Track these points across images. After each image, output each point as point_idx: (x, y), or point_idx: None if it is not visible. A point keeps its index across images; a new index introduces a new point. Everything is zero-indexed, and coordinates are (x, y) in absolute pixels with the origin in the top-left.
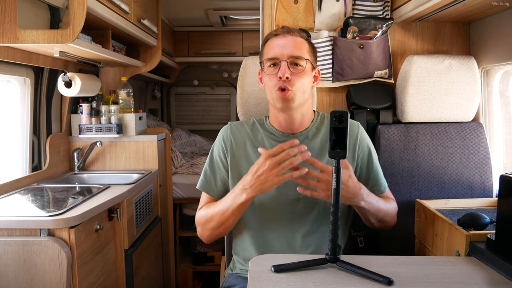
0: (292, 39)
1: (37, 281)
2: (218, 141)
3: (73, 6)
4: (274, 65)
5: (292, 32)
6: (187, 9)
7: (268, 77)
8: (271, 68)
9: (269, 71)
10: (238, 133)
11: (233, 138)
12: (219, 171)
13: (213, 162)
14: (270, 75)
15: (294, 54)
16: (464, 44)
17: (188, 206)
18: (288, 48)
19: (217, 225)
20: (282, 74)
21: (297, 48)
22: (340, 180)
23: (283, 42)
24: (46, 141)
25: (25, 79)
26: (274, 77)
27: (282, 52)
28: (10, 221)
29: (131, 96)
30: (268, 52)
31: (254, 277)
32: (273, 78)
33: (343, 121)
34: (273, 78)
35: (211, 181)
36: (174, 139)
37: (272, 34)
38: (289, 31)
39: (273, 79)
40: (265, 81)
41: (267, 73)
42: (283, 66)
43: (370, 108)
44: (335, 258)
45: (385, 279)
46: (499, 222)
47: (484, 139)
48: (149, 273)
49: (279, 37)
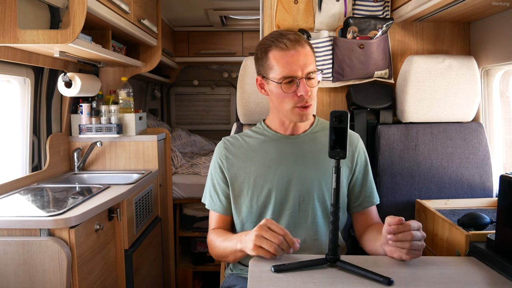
0: (303, 51)
1: (37, 281)
2: (214, 158)
3: (73, 6)
4: (290, 82)
5: (299, 42)
6: (187, 9)
7: (284, 95)
8: (287, 86)
9: (286, 89)
10: (232, 147)
11: (228, 153)
12: (220, 187)
13: (213, 180)
14: (288, 92)
15: (310, 70)
16: (464, 44)
17: (188, 206)
18: (302, 63)
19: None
20: (305, 94)
21: (310, 62)
22: (340, 180)
23: (297, 58)
24: (46, 141)
25: (25, 79)
26: (293, 95)
27: (299, 70)
28: (10, 221)
29: (131, 96)
30: (280, 69)
31: (254, 277)
32: (292, 96)
33: (343, 121)
34: (291, 96)
35: (216, 199)
36: (174, 139)
37: (278, 46)
38: (298, 43)
39: (292, 97)
40: (278, 96)
41: (284, 91)
42: (303, 85)
43: (370, 108)
44: (335, 258)
45: (385, 279)
46: (499, 222)
47: (484, 139)
48: (149, 273)
49: (290, 52)
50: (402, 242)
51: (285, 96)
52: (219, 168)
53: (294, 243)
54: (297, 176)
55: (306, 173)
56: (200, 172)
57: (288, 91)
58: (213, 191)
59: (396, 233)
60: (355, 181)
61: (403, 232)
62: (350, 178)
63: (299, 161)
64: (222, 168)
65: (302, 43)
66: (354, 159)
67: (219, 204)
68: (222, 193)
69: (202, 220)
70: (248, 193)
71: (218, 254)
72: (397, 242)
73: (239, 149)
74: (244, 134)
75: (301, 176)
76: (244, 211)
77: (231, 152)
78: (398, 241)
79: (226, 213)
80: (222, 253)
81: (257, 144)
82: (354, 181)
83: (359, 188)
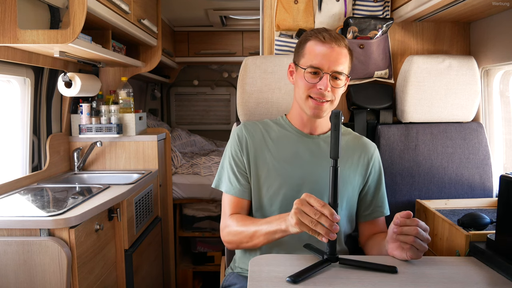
0: (339, 51)
1: (37, 281)
2: (232, 141)
3: (73, 6)
4: (315, 73)
5: (338, 42)
6: (187, 9)
7: (304, 83)
8: (311, 75)
9: (308, 78)
10: (253, 131)
11: (248, 136)
12: (239, 170)
13: (231, 162)
14: (309, 82)
15: (338, 70)
16: (464, 44)
17: (188, 206)
18: (333, 61)
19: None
20: (324, 88)
21: (341, 63)
22: (337, 179)
23: (329, 53)
24: (46, 141)
25: (25, 79)
26: (313, 86)
27: (327, 64)
28: (10, 221)
29: (131, 96)
30: (311, 58)
31: (254, 277)
32: (311, 87)
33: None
34: (311, 87)
35: (234, 182)
36: (174, 139)
37: (318, 37)
38: (336, 41)
39: (312, 88)
40: (299, 83)
41: (306, 79)
42: (326, 80)
43: (370, 108)
44: (336, 258)
45: (390, 267)
46: (499, 222)
47: (484, 139)
48: (149, 273)
49: (325, 45)
50: (406, 236)
51: (306, 85)
52: (238, 149)
53: (334, 214)
54: (310, 177)
55: (319, 175)
56: (200, 172)
57: (310, 80)
58: (232, 174)
59: (402, 225)
60: (367, 189)
61: (409, 226)
62: (363, 186)
63: (314, 161)
64: (241, 149)
65: (340, 43)
66: (368, 168)
67: (238, 187)
68: (242, 175)
69: (202, 220)
70: (262, 180)
71: (244, 238)
72: (400, 236)
73: (259, 134)
74: (264, 123)
75: (314, 177)
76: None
77: (251, 136)
78: (402, 234)
79: (245, 197)
80: (253, 235)
81: (275, 135)
82: (367, 189)
83: (371, 197)
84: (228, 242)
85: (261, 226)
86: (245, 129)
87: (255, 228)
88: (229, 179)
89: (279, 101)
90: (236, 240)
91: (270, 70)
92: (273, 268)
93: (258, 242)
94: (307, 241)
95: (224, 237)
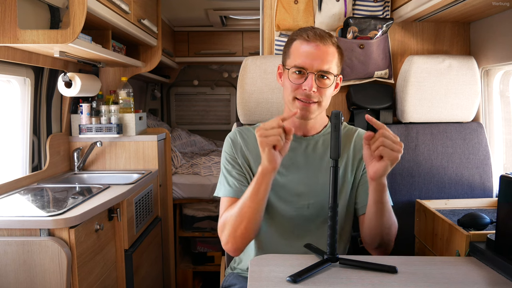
0: (325, 50)
1: (37, 281)
2: (227, 145)
3: (73, 6)
4: (299, 73)
5: (324, 40)
6: (187, 9)
7: (290, 84)
8: (296, 76)
9: (293, 78)
10: (246, 137)
11: (242, 140)
12: (237, 171)
13: (228, 167)
14: (294, 83)
15: (323, 69)
16: (464, 44)
17: (188, 206)
18: (318, 60)
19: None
20: (308, 88)
21: (327, 62)
22: (337, 179)
23: (314, 52)
24: (46, 141)
25: (25, 79)
26: (298, 87)
27: (311, 63)
28: (10, 221)
29: (131, 96)
30: (295, 57)
31: (254, 277)
32: (297, 88)
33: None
34: (296, 87)
35: (234, 185)
36: (174, 139)
37: (302, 36)
38: (321, 39)
39: (297, 89)
40: (286, 85)
41: (291, 80)
42: (310, 80)
43: (370, 108)
44: (336, 258)
45: (390, 268)
46: (499, 222)
47: (484, 139)
48: (149, 273)
49: (310, 44)
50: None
51: (291, 85)
52: (232, 153)
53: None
54: (306, 180)
55: (316, 179)
56: (200, 172)
57: (295, 81)
58: (230, 177)
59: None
60: (364, 179)
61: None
62: (359, 179)
63: (309, 165)
64: (235, 152)
65: (325, 41)
66: (361, 164)
67: (237, 186)
68: (241, 177)
69: (202, 220)
70: None
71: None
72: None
73: (253, 139)
74: (256, 126)
75: (310, 181)
76: None
77: (245, 141)
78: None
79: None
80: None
81: None
82: (363, 179)
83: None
84: (226, 241)
85: (244, 196)
86: (239, 134)
87: (240, 202)
88: (227, 182)
89: (279, 101)
90: (231, 230)
91: (270, 70)
92: (273, 268)
93: (250, 214)
94: (300, 248)
95: (222, 238)
